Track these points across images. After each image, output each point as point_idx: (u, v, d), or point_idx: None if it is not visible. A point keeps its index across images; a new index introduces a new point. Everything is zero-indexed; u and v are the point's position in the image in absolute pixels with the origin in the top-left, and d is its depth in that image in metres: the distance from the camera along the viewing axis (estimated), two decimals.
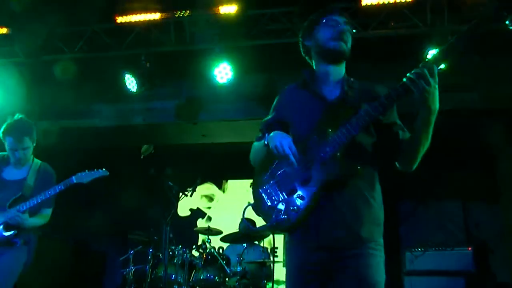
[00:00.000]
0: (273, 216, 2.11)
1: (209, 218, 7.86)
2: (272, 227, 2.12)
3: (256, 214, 2.24)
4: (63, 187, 3.53)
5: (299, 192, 2.10)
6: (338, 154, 2.05)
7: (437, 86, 1.95)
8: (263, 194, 2.22)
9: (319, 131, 2.12)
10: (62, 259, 6.84)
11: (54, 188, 3.51)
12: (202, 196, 8.07)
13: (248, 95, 5.74)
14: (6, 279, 3.38)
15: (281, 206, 2.12)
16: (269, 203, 2.17)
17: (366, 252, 2.02)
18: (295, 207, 2.08)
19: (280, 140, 2.11)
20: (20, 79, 6.28)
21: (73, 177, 3.60)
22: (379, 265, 2.03)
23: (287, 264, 2.22)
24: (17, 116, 3.64)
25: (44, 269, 3.69)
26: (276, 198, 2.16)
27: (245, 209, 2.25)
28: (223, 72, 5.47)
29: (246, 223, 5.79)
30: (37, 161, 3.75)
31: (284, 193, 2.14)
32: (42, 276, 5.18)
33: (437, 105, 1.98)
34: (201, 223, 7.74)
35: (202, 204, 8.02)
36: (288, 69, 5.66)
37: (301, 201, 2.08)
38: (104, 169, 3.72)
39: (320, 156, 2.07)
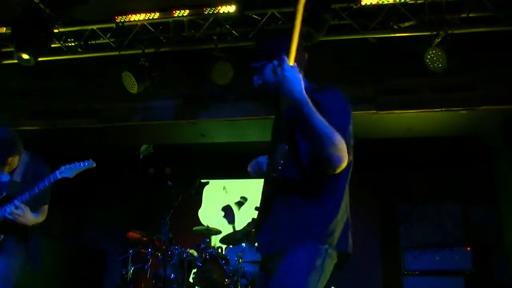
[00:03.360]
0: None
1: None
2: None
3: None
4: (47, 184, 3.32)
5: None
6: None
7: (290, 74, 1.96)
8: None
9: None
10: (61, 259, 6.83)
11: (38, 185, 3.32)
12: (202, 195, 8.06)
13: (248, 94, 5.74)
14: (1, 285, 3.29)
15: None
16: None
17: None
18: None
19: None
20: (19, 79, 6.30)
21: (56, 172, 3.34)
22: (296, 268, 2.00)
23: None
24: (0, 131, 3.40)
25: (42, 268, 3.62)
26: None
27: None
28: (222, 72, 5.47)
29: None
30: (27, 155, 3.57)
31: None
32: (40, 276, 5.15)
33: (289, 94, 1.96)
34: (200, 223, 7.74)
35: (203, 204, 8.01)
36: None
37: None
38: (90, 160, 3.40)
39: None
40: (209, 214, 7.88)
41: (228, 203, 7.88)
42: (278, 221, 2.11)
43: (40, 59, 5.41)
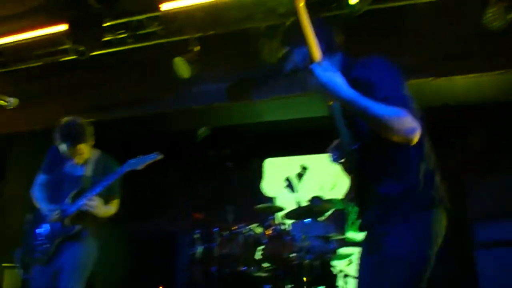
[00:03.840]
0: None
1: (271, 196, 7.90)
2: None
3: None
4: (116, 176, 3.52)
5: None
6: None
7: (322, 80, 1.93)
8: None
9: None
10: (132, 242, 7.16)
11: (108, 178, 3.50)
12: (264, 173, 8.12)
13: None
14: (76, 271, 3.49)
15: None
16: None
17: None
18: None
19: None
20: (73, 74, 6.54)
21: (124, 165, 3.55)
22: None
23: None
24: (70, 120, 3.61)
25: (112, 252, 3.81)
26: None
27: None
28: (272, 50, 5.41)
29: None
30: (97, 152, 3.78)
31: None
32: (114, 259, 5.41)
33: (336, 95, 1.94)
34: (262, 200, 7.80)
35: (265, 182, 8.06)
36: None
37: None
38: (156, 152, 3.58)
39: None
40: (272, 189, 7.93)
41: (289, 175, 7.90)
42: (375, 198, 2.15)
43: (92, 53, 5.60)
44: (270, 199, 7.58)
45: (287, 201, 7.53)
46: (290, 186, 7.25)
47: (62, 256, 3.50)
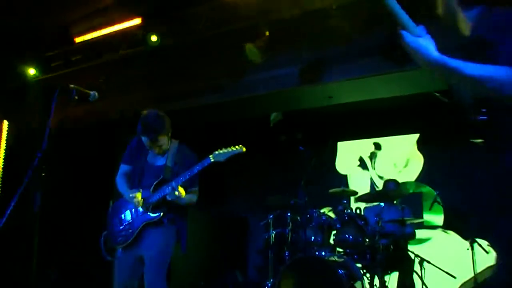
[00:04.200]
0: None
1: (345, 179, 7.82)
2: None
3: None
4: (200, 168, 3.57)
5: None
6: None
7: (414, 46, 1.80)
8: None
9: None
10: (207, 228, 7.39)
11: (191, 169, 3.57)
12: (337, 156, 8.04)
13: (371, 50, 5.51)
14: (160, 256, 3.61)
15: None
16: None
17: None
18: None
19: None
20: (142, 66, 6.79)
21: (209, 156, 3.57)
22: None
23: None
24: (150, 112, 3.69)
25: (192, 238, 3.92)
26: None
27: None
28: (341, 31, 5.30)
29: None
30: (175, 143, 3.88)
31: None
32: (190, 245, 5.57)
33: (425, 62, 1.79)
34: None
35: (338, 164, 7.99)
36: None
37: None
38: (240, 146, 3.60)
39: None
40: (345, 170, 7.86)
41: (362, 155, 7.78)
42: None
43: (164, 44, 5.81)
44: (344, 182, 7.50)
45: (360, 182, 7.43)
46: (363, 165, 7.13)
47: (144, 242, 3.65)
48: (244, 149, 3.60)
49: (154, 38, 5.78)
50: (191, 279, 6.86)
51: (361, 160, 7.70)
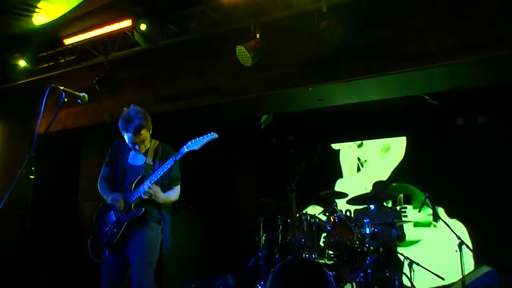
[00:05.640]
0: None
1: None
2: None
3: None
4: (176, 158, 3.57)
5: None
6: None
7: None
8: None
9: None
10: (200, 230, 7.37)
11: (168, 161, 3.58)
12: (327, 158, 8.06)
13: (363, 52, 5.53)
14: (145, 255, 3.60)
15: None
16: None
17: None
18: None
19: None
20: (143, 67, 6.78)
21: (183, 146, 3.58)
22: None
23: None
24: (132, 109, 3.69)
25: (178, 237, 3.91)
26: None
27: None
28: (333, 32, 5.30)
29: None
30: (155, 142, 3.89)
31: None
32: (184, 246, 5.58)
33: None
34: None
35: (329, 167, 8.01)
36: (403, 22, 5.36)
37: None
38: (212, 132, 3.56)
39: None
40: (336, 173, 7.87)
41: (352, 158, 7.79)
42: None
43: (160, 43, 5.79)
44: (334, 184, 7.53)
45: (351, 184, 7.46)
46: (354, 167, 7.15)
47: (129, 241, 3.65)
48: (216, 135, 3.56)
49: (143, 26, 5.75)
50: (182, 281, 6.85)
51: (352, 162, 7.73)
